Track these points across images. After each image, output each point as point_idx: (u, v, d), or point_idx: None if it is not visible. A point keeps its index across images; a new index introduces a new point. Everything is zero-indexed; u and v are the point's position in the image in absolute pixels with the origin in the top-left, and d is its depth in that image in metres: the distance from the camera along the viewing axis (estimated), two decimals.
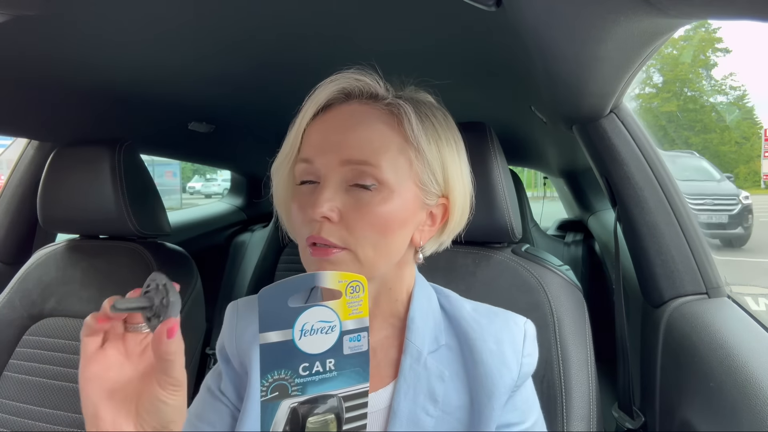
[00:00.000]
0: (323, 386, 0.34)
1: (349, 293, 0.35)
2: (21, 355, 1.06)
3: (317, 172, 0.50)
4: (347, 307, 0.35)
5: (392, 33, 0.77)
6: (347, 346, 0.35)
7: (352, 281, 0.35)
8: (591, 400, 0.73)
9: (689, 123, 23.99)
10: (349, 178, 0.49)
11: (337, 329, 0.35)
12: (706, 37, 25.26)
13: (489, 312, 0.58)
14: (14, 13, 0.65)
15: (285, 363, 0.33)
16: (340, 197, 0.49)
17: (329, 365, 0.34)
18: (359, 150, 0.49)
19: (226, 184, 2.62)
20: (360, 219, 0.48)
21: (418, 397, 0.52)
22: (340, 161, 0.49)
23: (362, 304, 0.35)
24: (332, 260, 0.49)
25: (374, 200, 0.49)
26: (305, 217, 0.50)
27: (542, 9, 0.48)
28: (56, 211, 1.10)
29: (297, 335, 0.33)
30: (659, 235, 0.83)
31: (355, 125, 0.50)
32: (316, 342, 0.34)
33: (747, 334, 0.68)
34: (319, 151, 0.50)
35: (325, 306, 0.34)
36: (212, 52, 0.86)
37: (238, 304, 0.61)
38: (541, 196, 2.71)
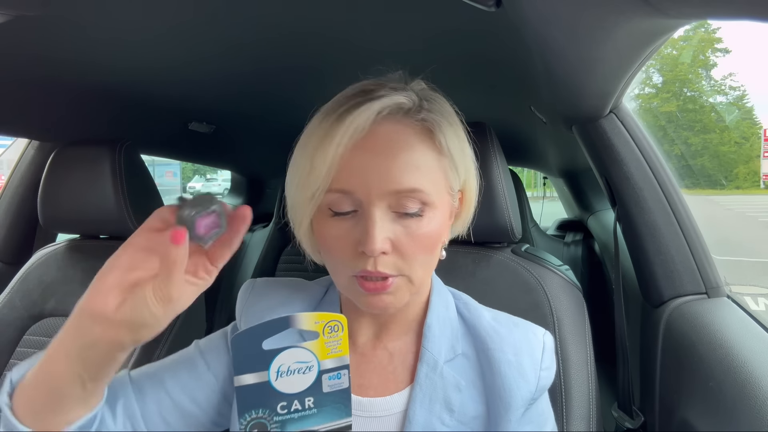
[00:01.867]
0: (303, 423, 0.34)
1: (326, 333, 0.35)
2: (21, 355, 1.06)
3: (357, 202, 0.47)
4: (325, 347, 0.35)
5: (392, 33, 0.78)
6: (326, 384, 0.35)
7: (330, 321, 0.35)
8: (591, 399, 0.73)
9: (689, 123, 24.00)
10: (394, 206, 0.47)
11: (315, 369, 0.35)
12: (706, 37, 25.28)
13: (509, 322, 0.57)
14: (14, 13, 0.65)
15: (262, 403, 0.33)
16: (389, 227, 0.47)
17: (308, 403, 0.34)
18: (406, 177, 0.46)
19: (227, 184, 2.62)
20: (412, 245, 0.47)
21: (434, 406, 0.51)
22: (388, 192, 0.46)
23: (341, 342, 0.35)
24: (390, 291, 0.48)
25: (422, 224, 0.48)
26: (351, 251, 0.47)
27: (542, 9, 0.48)
28: (57, 211, 1.10)
29: (273, 376, 0.33)
30: (659, 235, 0.83)
31: (397, 150, 0.47)
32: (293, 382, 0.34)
33: (746, 334, 0.68)
34: (361, 181, 0.46)
35: (302, 347, 0.34)
36: (213, 52, 0.86)
37: (254, 284, 0.60)
38: (541, 196, 2.71)
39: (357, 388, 0.54)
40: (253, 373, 0.33)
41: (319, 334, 0.35)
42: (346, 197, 0.47)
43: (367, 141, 0.47)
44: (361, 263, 0.47)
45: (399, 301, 0.49)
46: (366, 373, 0.55)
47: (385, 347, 0.56)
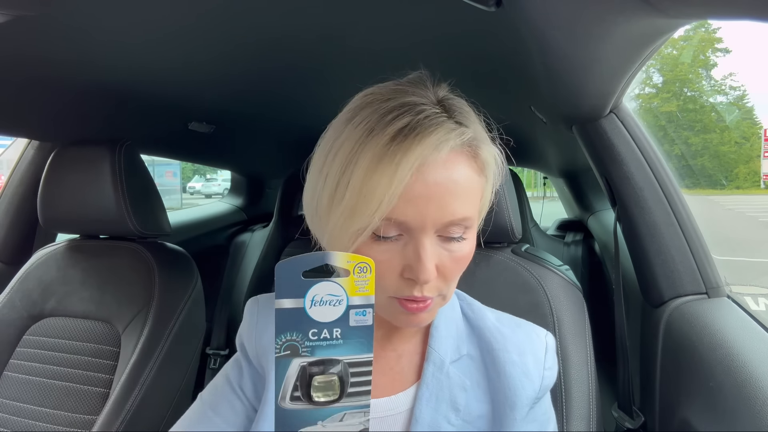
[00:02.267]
0: (330, 351, 0.38)
1: (356, 273, 0.38)
2: (21, 355, 1.06)
3: (408, 229, 0.45)
4: (354, 285, 0.38)
5: (392, 33, 0.77)
6: (353, 319, 0.38)
7: (360, 262, 0.38)
8: (591, 399, 0.73)
9: (689, 123, 24.00)
10: (440, 231, 0.46)
11: (344, 303, 0.38)
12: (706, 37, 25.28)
13: (511, 323, 0.58)
14: (14, 13, 0.65)
15: (296, 327, 0.37)
16: (436, 252, 0.46)
17: (336, 333, 0.38)
18: (460, 208, 0.46)
19: (227, 184, 2.62)
20: (454, 268, 0.48)
21: (441, 405, 0.52)
22: (443, 224, 0.45)
23: (369, 283, 0.38)
24: (427, 310, 0.48)
25: (464, 246, 0.48)
26: (395, 274, 0.46)
27: (542, 9, 0.48)
28: (56, 211, 1.10)
29: (308, 304, 0.37)
30: (659, 235, 0.83)
31: (454, 180, 0.45)
32: (324, 312, 0.37)
33: (747, 334, 0.68)
34: (418, 212, 0.44)
35: (334, 282, 0.38)
36: (213, 52, 0.86)
37: (259, 301, 0.59)
38: (541, 196, 2.71)
39: None
40: (291, 299, 0.37)
41: (350, 272, 0.38)
42: (397, 225, 0.45)
43: (427, 171, 0.44)
44: (407, 289, 0.46)
45: (432, 317, 0.52)
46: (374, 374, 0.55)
47: (395, 349, 0.56)
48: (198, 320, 1.15)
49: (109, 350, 1.02)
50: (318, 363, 0.38)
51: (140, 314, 1.03)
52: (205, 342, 1.40)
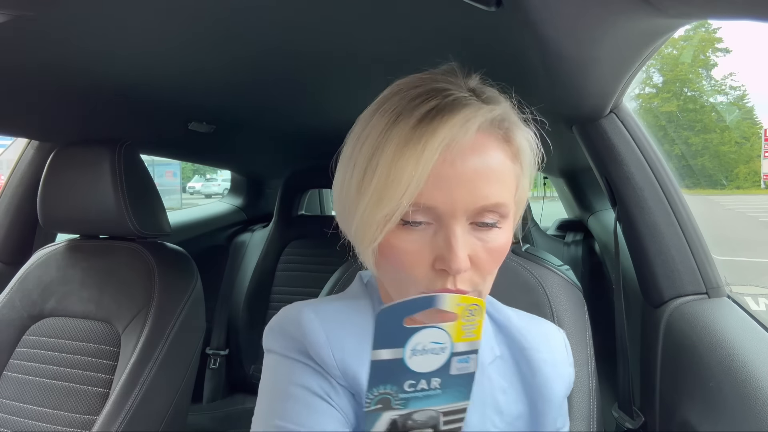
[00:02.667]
0: (426, 402, 0.34)
1: (465, 317, 0.35)
2: (21, 355, 1.06)
3: (436, 215, 0.43)
4: (461, 329, 0.35)
5: (392, 33, 0.77)
6: (455, 367, 0.35)
7: (470, 304, 0.34)
8: (591, 399, 0.73)
9: (689, 123, 24.00)
10: (472, 217, 0.44)
11: (447, 351, 0.34)
12: (706, 37, 25.28)
13: (532, 320, 0.59)
14: (14, 13, 0.65)
15: (392, 379, 0.33)
16: (468, 241, 0.44)
17: (434, 383, 0.34)
18: (493, 192, 0.44)
19: (226, 184, 2.62)
20: (489, 259, 0.45)
21: (486, 409, 0.51)
22: (474, 209, 0.43)
23: (476, 327, 0.35)
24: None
25: (499, 236, 0.46)
26: (425, 265, 0.44)
27: (542, 9, 0.48)
28: (56, 211, 1.10)
29: (408, 354, 0.33)
30: (659, 235, 0.83)
31: (485, 163, 0.44)
32: (425, 361, 0.34)
33: (747, 334, 0.68)
34: (447, 196, 0.42)
35: (439, 328, 0.34)
36: (213, 52, 0.86)
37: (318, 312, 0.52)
38: (541, 196, 2.71)
39: None
40: (389, 349, 0.33)
41: (458, 316, 0.34)
42: (425, 210, 0.43)
43: (455, 151, 0.43)
44: (439, 281, 0.44)
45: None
46: None
47: None
48: (198, 320, 1.15)
49: (108, 350, 1.02)
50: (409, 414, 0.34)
51: (140, 314, 1.03)
52: (205, 342, 1.40)
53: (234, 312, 1.85)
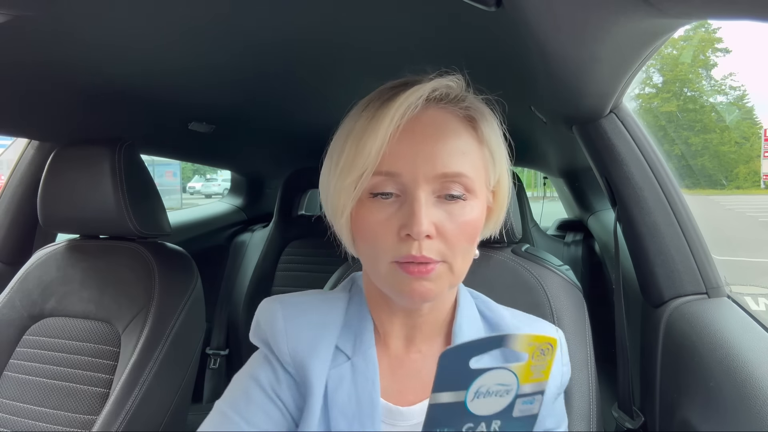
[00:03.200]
0: None
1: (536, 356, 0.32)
2: (21, 355, 1.06)
3: (401, 185, 0.47)
4: (530, 370, 0.32)
5: (392, 34, 0.77)
6: (518, 409, 0.33)
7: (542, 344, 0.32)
8: (591, 399, 0.73)
9: (689, 123, 24.00)
10: (439, 190, 0.47)
11: (512, 393, 0.32)
12: (706, 37, 25.29)
13: (527, 320, 0.59)
14: (14, 13, 0.65)
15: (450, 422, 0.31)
16: (433, 211, 0.46)
17: (494, 426, 0.32)
18: (453, 161, 0.47)
19: (226, 184, 2.62)
20: (455, 230, 0.47)
21: None
22: (434, 176, 0.46)
23: (546, 367, 0.33)
24: (431, 278, 0.47)
25: (465, 210, 0.48)
26: (393, 235, 0.46)
27: (542, 9, 0.48)
28: (56, 211, 1.10)
29: (470, 396, 0.31)
30: (659, 235, 0.83)
31: (444, 135, 0.47)
32: (487, 404, 0.32)
33: (747, 334, 0.68)
34: (408, 164, 0.46)
35: (507, 369, 0.32)
36: (213, 53, 0.86)
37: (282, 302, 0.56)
38: (541, 196, 2.71)
39: (395, 394, 0.53)
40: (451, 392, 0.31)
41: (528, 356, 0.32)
42: (391, 180, 0.47)
43: (416, 125, 0.47)
44: (405, 248, 0.46)
45: (439, 289, 0.48)
46: (403, 378, 0.54)
47: (419, 350, 0.55)
48: (198, 320, 1.15)
49: (109, 350, 1.02)
50: None
51: (140, 314, 1.03)
52: (205, 342, 1.40)
53: (234, 312, 1.85)
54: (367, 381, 0.51)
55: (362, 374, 0.51)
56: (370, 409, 0.49)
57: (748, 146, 23.19)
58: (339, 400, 0.50)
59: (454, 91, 0.50)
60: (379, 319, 0.55)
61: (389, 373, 0.53)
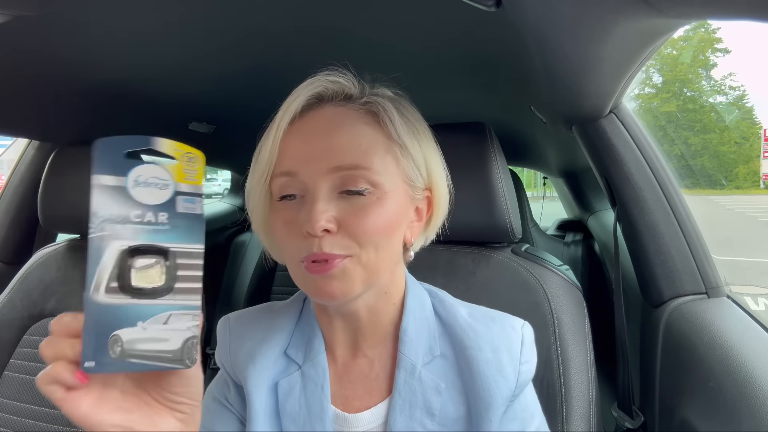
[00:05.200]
0: (155, 236, 0.35)
1: (184, 161, 0.36)
2: (21, 354, 1.06)
3: (301, 184, 0.47)
4: (183, 172, 0.36)
5: (392, 34, 0.78)
6: (181, 205, 0.36)
7: (187, 152, 0.36)
8: (591, 399, 0.73)
9: (689, 123, 24.01)
10: (339, 185, 0.47)
11: (171, 188, 0.36)
12: (706, 37, 25.30)
13: (485, 317, 0.55)
14: (14, 13, 0.65)
15: (115, 206, 0.34)
16: (333, 205, 0.46)
17: (161, 218, 0.35)
18: (348, 154, 0.47)
19: (226, 184, 2.62)
20: (360, 224, 0.46)
21: (415, 411, 0.50)
22: (328, 169, 0.46)
23: (197, 173, 0.37)
24: (335, 275, 0.46)
25: (371, 203, 0.47)
26: (297, 234, 0.46)
27: (542, 9, 0.48)
28: (57, 211, 1.10)
29: (131, 184, 0.34)
30: (659, 235, 0.83)
31: (337, 128, 0.48)
32: (149, 194, 0.35)
33: (746, 334, 0.68)
34: (302, 161, 0.47)
35: (160, 165, 0.35)
36: (212, 52, 0.86)
37: (229, 320, 0.59)
38: (541, 196, 2.71)
39: (343, 400, 0.53)
40: (112, 176, 0.34)
41: (176, 160, 0.36)
42: (292, 180, 0.48)
43: (309, 123, 0.49)
44: (307, 246, 0.46)
45: (349, 288, 0.47)
46: (349, 383, 0.54)
47: (365, 355, 0.54)
48: None
49: None
50: (141, 250, 0.34)
51: None
52: (205, 342, 1.40)
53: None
54: (316, 387, 0.52)
55: (312, 381, 0.52)
56: (320, 416, 0.51)
57: (747, 146, 23.19)
58: (290, 408, 0.52)
59: (348, 89, 0.50)
60: (323, 326, 0.55)
61: (336, 380, 0.54)
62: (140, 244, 0.34)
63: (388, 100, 0.51)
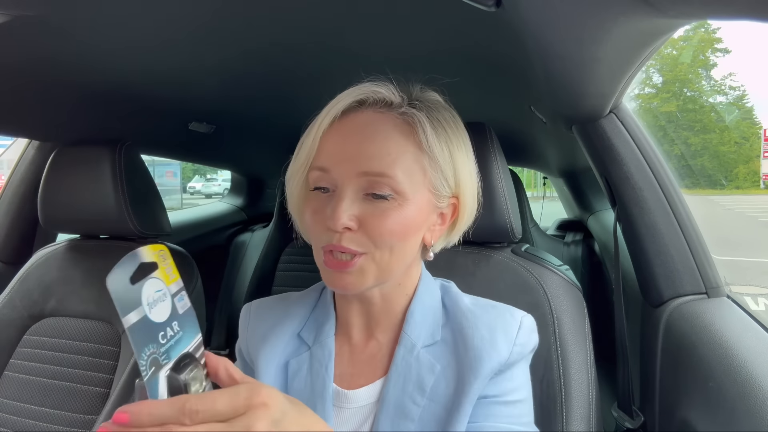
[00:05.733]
0: (178, 347, 0.38)
1: (161, 262, 0.38)
2: (22, 354, 1.06)
3: (333, 180, 0.51)
4: (166, 273, 0.38)
5: (392, 35, 0.78)
6: (179, 306, 0.39)
7: (159, 251, 0.38)
8: (591, 399, 0.73)
9: (689, 123, 24.01)
10: (365, 188, 0.50)
11: (167, 296, 0.38)
12: (706, 37, 25.30)
13: (486, 305, 0.59)
14: (14, 13, 0.65)
15: (149, 338, 0.36)
16: (357, 206, 0.50)
17: (175, 327, 0.38)
18: (377, 161, 0.49)
19: (227, 184, 2.62)
20: (379, 226, 0.49)
21: (407, 386, 0.53)
22: (357, 172, 0.50)
23: (172, 268, 0.39)
24: (351, 271, 0.50)
25: (391, 208, 0.50)
26: (322, 225, 0.50)
27: (542, 9, 0.48)
28: (57, 211, 1.10)
29: (147, 309, 0.36)
30: (659, 235, 0.83)
31: (371, 135, 0.51)
32: (160, 311, 0.37)
33: (746, 334, 0.68)
34: (336, 160, 0.51)
35: (153, 277, 0.37)
36: (213, 53, 0.86)
37: (251, 307, 0.64)
38: (541, 196, 2.71)
39: (348, 379, 0.56)
40: (134, 311, 0.35)
41: (158, 264, 0.38)
42: (325, 175, 0.51)
43: (347, 125, 0.52)
44: (327, 237, 0.50)
45: (361, 282, 0.51)
46: (358, 365, 0.57)
47: (377, 339, 0.58)
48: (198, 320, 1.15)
49: (109, 350, 1.02)
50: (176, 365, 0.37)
51: None
52: (205, 342, 1.39)
53: (234, 312, 1.85)
54: (321, 367, 0.56)
55: (318, 361, 0.56)
56: (322, 393, 0.54)
57: (747, 146, 23.19)
58: (296, 386, 0.56)
59: (388, 98, 0.53)
60: (341, 310, 0.59)
61: (348, 360, 0.58)
62: (176, 359, 0.37)
63: (423, 110, 0.53)
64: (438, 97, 0.57)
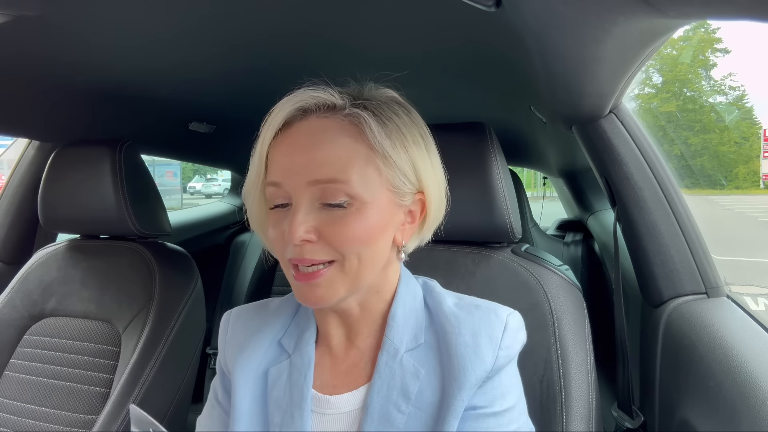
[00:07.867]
0: None
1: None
2: (22, 354, 1.06)
3: (287, 194, 0.50)
4: None
5: (392, 34, 0.78)
6: None
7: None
8: (590, 399, 0.73)
9: (688, 123, 24.00)
10: (319, 197, 0.49)
11: None
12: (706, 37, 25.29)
13: (470, 305, 0.56)
14: (14, 13, 0.65)
15: None
16: (313, 217, 0.49)
17: None
18: (326, 168, 0.48)
19: (227, 184, 2.62)
20: (340, 234, 0.48)
21: (392, 394, 0.52)
22: (308, 182, 0.48)
23: None
24: (319, 283, 0.49)
25: (350, 214, 0.49)
26: (283, 240, 0.50)
27: (542, 9, 0.48)
28: (57, 211, 1.10)
29: None
30: (658, 235, 0.83)
31: (317, 143, 0.49)
32: None
33: (746, 334, 0.68)
34: (286, 173, 0.50)
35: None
36: (213, 52, 0.86)
37: (230, 315, 0.63)
38: (541, 196, 2.71)
39: (329, 387, 0.55)
40: None
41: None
42: (279, 190, 0.50)
43: (292, 135, 0.51)
44: (290, 250, 0.49)
45: (331, 294, 0.50)
46: (339, 373, 0.56)
47: (357, 347, 0.57)
48: (198, 320, 1.15)
49: (109, 350, 1.02)
50: None
51: (141, 314, 1.03)
52: (205, 342, 1.40)
53: None
54: (300, 376, 0.55)
55: (297, 369, 0.56)
56: (300, 400, 0.54)
57: (747, 146, 23.17)
58: (276, 394, 0.55)
59: (330, 101, 0.51)
60: (320, 322, 0.58)
61: (329, 369, 0.57)
62: None
63: (370, 109, 0.51)
64: (392, 93, 0.55)
